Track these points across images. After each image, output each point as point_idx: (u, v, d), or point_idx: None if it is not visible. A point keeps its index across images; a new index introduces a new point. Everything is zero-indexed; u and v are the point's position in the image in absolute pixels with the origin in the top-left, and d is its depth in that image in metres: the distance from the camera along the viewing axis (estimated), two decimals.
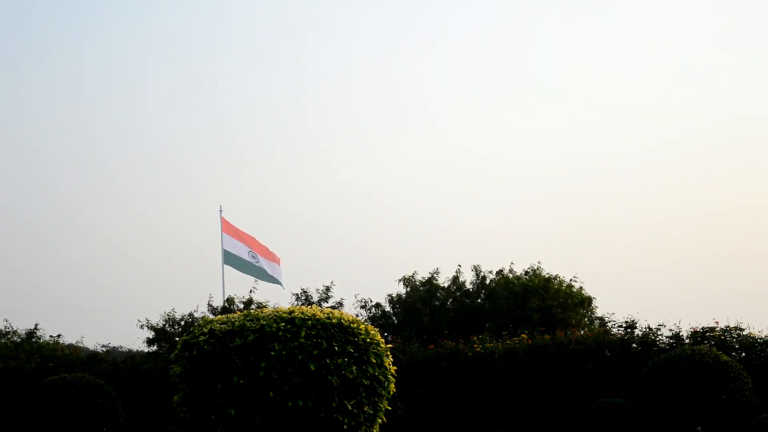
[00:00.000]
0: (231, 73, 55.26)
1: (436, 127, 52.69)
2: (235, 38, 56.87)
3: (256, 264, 27.53)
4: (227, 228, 27.36)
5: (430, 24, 54.77)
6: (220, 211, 27.53)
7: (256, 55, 56.69)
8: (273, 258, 28.15)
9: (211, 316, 22.88)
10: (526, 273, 31.34)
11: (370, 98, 54.72)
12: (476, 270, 31.54)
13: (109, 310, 45.60)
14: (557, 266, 33.41)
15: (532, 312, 29.07)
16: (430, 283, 31.48)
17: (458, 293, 31.29)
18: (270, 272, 27.85)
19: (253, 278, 28.01)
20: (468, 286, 31.59)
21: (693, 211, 47.17)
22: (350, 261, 44.22)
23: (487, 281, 31.35)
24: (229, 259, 27.08)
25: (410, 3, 55.55)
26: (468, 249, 44.07)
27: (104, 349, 27.88)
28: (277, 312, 12.69)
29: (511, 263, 31.80)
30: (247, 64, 55.78)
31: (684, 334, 22.75)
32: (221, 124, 53.95)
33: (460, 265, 31.95)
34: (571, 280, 30.99)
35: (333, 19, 56.23)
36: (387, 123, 53.37)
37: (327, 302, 28.72)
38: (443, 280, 31.71)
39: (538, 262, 31.65)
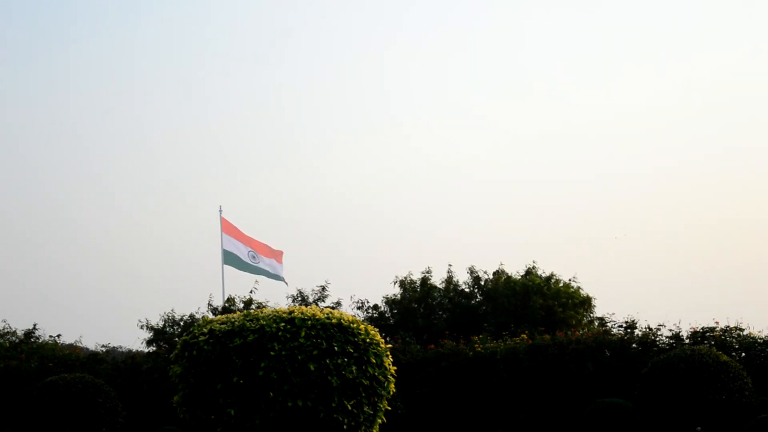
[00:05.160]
0: (231, 72, 55.33)
1: (432, 129, 52.82)
2: (236, 37, 56.92)
3: (256, 264, 27.54)
4: (227, 228, 27.37)
5: (422, 24, 54.83)
6: (220, 211, 27.56)
7: (257, 55, 56.75)
8: (274, 255, 28.15)
9: (212, 316, 22.88)
10: (527, 273, 31.35)
11: (365, 100, 54.86)
12: (471, 271, 31.59)
13: (109, 310, 45.61)
14: (554, 267, 33.43)
15: (535, 311, 29.09)
16: (424, 283, 31.50)
17: (453, 293, 31.32)
18: (271, 271, 27.87)
19: (253, 278, 28.04)
20: (462, 286, 31.62)
21: (693, 211, 47.23)
22: (345, 262, 44.29)
23: (482, 281, 31.38)
24: (229, 259, 27.09)
25: (401, 3, 55.65)
26: (462, 249, 44.14)
27: (104, 349, 27.83)
28: (277, 312, 12.69)
29: (501, 264, 31.85)
30: (247, 64, 55.84)
31: (684, 334, 22.78)
32: (221, 125, 54.00)
33: (450, 265, 32.04)
34: (570, 280, 31.07)
35: (333, 18, 56.28)
36: (381, 125, 53.51)
37: (324, 302, 28.73)
38: (438, 281, 31.78)
39: (533, 262, 31.74)
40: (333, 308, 17.61)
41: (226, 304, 27.37)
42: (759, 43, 50.42)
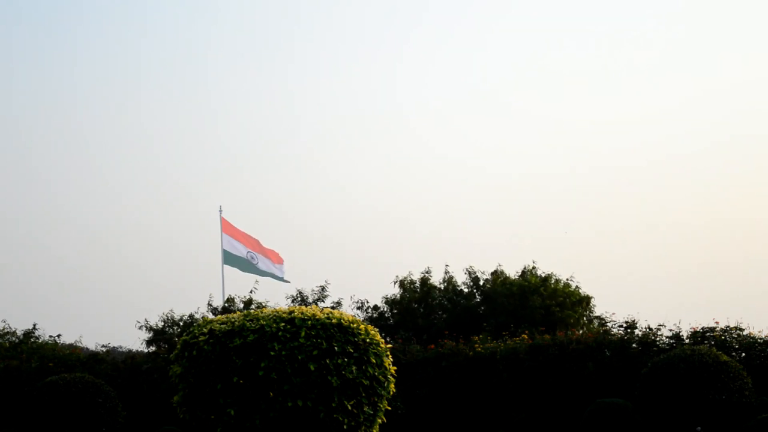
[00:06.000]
0: (231, 72, 55.33)
1: (431, 130, 52.86)
2: (236, 36, 56.93)
3: (255, 264, 27.54)
4: (227, 228, 27.38)
5: (423, 26, 54.85)
6: (220, 211, 27.57)
7: (257, 55, 56.75)
8: (274, 257, 28.15)
9: (211, 316, 22.88)
10: (524, 273, 31.36)
11: (364, 101, 54.86)
12: (469, 271, 31.61)
13: (109, 310, 45.64)
14: (553, 267, 33.47)
15: (534, 311, 29.09)
16: (424, 283, 31.51)
17: (453, 294, 31.33)
18: (271, 271, 27.87)
19: (253, 278, 28.06)
20: (461, 286, 31.63)
21: (693, 212, 47.25)
22: (345, 262, 44.32)
23: (481, 282, 31.40)
24: (229, 259, 27.10)
25: (414, 3, 55.67)
26: (462, 250, 44.18)
27: (104, 349, 27.85)
28: (277, 312, 12.68)
29: (499, 264, 31.86)
30: (246, 64, 55.84)
31: (684, 334, 22.77)
32: (220, 125, 54.03)
33: (447, 265, 32.06)
34: (567, 279, 31.08)
35: (336, 19, 56.29)
36: (382, 126, 53.56)
37: (324, 302, 28.74)
38: (437, 281, 31.81)
39: (533, 262, 31.76)
40: (333, 308, 17.62)
41: (226, 304, 27.37)
42: (759, 43, 50.47)
